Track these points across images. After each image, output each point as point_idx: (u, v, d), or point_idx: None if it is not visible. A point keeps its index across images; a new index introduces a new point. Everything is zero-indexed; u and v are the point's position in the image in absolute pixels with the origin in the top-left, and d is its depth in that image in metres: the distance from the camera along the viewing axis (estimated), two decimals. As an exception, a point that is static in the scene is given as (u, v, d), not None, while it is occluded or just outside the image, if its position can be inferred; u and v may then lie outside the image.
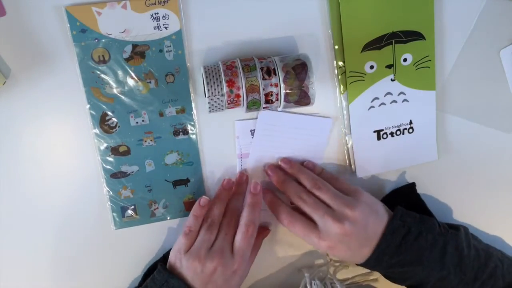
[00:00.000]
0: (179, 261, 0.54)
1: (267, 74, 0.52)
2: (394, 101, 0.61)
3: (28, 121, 0.55)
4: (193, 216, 0.56)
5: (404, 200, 0.60)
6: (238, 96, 0.52)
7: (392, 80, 0.60)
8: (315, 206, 0.55)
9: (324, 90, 0.60)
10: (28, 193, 0.57)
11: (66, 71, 0.54)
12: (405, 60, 0.60)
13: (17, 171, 0.56)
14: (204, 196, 0.57)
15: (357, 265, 0.57)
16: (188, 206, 0.60)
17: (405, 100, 0.61)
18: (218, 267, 0.52)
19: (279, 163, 0.60)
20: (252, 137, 0.59)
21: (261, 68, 0.52)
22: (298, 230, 0.55)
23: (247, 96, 0.52)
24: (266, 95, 0.53)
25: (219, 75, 0.52)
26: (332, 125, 0.61)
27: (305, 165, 0.61)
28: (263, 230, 0.62)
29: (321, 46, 0.59)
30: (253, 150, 0.60)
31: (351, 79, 0.59)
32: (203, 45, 0.56)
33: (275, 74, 0.53)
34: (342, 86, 0.60)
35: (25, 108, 0.55)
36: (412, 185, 0.64)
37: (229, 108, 0.54)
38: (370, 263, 0.55)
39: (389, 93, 0.61)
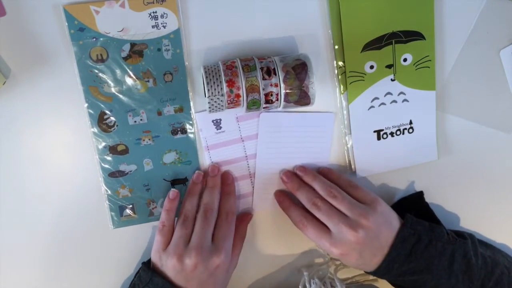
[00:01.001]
0: (159, 260, 0.54)
1: (267, 74, 0.52)
2: (394, 101, 0.61)
3: (27, 120, 0.55)
4: (165, 210, 0.56)
5: (412, 208, 0.60)
6: (238, 96, 0.52)
7: (392, 80, 0.60)
8: (330, 213, 0.54)
9: (324, 90, 0.60)
10: (26, 192, 0.57)
11: (64, 70, 0.54)
12: (405, 60, 0.60)
13: (15, 170, 0.56)
14: (172, 189, 0.57)
15: (367, 273, 0.57)
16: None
17: (405, 100, 0.61)
18: (198, 264, 0.52)
19: (295, 171, 0.59)
20: (216, 128, 0.58)
21: (261, 68, 0.52)
22: (311, 233, 0.55)
23: (247, 96, 0.52)
24: (266, 95, 0.52)
25: (219, 75, 0.52)
26: (334, 120, 0.61)
27: (322, 172, 0.60)
28: (245, 216, 0.61)
29: (321, 46, 0.58)
30: (259, 154, 0.59)
31: (351, 79, 0.59)
32: (202, 44, 0.56)
33: (275, 74, 0.52)
34: (342, 86, 0.60)
35: (24, 107, 0.54)
36: (420, 194, 0.64)
37: (229, 108, 0.53)
38: (381, 271, 0.55)
39: (389, 93, 0.60)
